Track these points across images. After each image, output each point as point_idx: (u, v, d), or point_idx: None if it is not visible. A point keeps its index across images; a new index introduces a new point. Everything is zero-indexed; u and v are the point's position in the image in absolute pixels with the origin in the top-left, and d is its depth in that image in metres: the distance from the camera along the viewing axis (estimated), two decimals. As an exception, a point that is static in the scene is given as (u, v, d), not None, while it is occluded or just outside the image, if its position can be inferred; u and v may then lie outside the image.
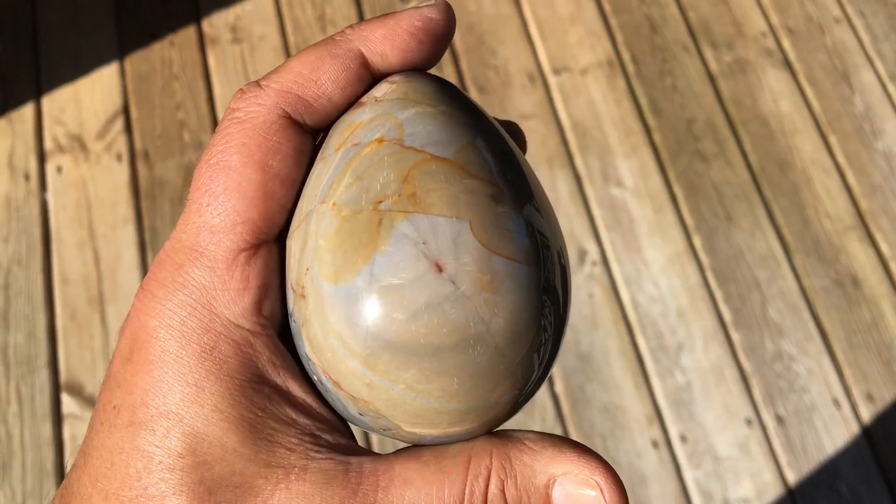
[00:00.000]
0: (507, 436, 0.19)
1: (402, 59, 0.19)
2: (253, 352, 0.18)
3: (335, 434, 0.18)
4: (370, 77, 0.19)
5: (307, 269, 0.18)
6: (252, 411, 0.17)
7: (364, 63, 0.19)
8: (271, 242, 0.19)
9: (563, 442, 0.19)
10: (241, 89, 0.19)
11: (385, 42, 0.19)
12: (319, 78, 0.19)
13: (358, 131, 0.18)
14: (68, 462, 0.84)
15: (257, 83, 0.19)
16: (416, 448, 0.19)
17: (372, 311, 0.17)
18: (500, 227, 0.18)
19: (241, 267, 0.18)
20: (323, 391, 0.19)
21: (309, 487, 0.17)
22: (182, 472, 0.17)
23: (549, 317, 0.18)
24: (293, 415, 0.18)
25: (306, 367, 0.19)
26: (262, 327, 0.18)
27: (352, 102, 0.19)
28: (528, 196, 0.19)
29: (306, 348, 0.18)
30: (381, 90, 0.19)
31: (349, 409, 0.19)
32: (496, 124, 0.20)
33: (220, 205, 0.18)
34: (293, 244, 0.18)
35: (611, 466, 0.18)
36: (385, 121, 0.18)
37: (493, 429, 0.19)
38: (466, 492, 0.18)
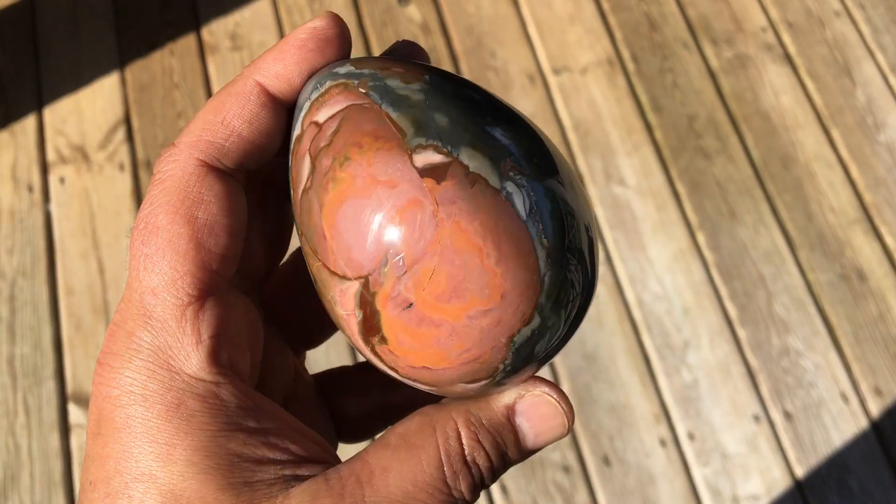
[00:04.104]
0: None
1: (298, 71, 0.19)
2: (220, 402, 0.18)
3: (315, 465, 0.18)
4: (275, 102, 0.19)
5: None
6: (227, 458, 0.17)
7: (263, 90, 0.19)
8: (221, 292, 0.19)
9: None
10: (162, 152, 0.19)
11: (276, 62, 0.19)
12: (225, 118, 0.19)
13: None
14: (76, 472, 0.84)
15: (172, 143, 0.19)
16: (381, 437, 0.19)
17: None
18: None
19: (190, 322, 0.18)
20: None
21: None
22: None
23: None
24: (270, 454, 0.18)
25: None
26: (223, 377, 0.18)
27: (263, 132, 0.19)
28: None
29: None
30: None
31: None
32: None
33: (156, 266, 0.18)
34: None
35: (544, 378, 0.20)
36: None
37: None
38: (443, 456, 0.18)
